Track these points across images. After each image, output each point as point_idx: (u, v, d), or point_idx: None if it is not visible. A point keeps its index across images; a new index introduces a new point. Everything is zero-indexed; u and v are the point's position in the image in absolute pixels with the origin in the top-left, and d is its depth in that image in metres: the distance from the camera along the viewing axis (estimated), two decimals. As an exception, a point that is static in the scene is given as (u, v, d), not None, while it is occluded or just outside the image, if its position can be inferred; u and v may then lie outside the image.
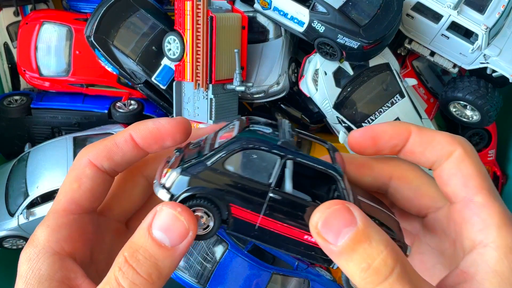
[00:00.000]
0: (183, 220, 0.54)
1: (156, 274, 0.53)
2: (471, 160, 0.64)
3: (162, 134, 0.65)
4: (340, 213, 0.54)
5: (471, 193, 0.61)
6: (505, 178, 1.97)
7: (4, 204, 1.65)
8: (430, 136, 0.66)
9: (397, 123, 0.68)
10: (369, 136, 0.67)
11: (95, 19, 1.61)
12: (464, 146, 0.65)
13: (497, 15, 1.52)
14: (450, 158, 0.64)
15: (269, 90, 1.73)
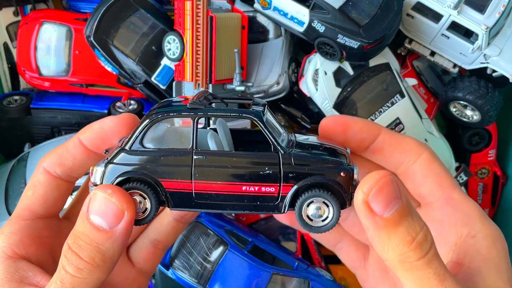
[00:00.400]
0: (115, 201, 0.55)
1: (99, 257, 0.55)
2: (439, 162, 0.68)
3: (108, 134, 0.67)
4: (390, 186, 0.53)
5: (448, 191, 0.66)
6: (505, 178, 1.97)
7: (3, 204, 1.65)
8: (399, 138, 0.70)
9: (370, 121, 0.73)
10: (340, 123, 0.70)
11: (94, 19, 1.61)
12: (429, 149, 0.69)
13: (498, 15, 1.52)
14: (419, 159, 0.68)
15: (269, 90, 1.73)
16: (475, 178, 1.95)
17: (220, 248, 1.48)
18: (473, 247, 0.60)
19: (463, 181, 1.74)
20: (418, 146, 0.70)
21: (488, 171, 1.94)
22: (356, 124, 0.71)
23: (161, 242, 0.79)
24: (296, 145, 0.63)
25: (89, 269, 0.55)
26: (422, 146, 0.70)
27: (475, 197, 1.97)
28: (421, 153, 0.69)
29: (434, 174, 0.67)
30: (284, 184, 0.59)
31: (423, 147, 0.70)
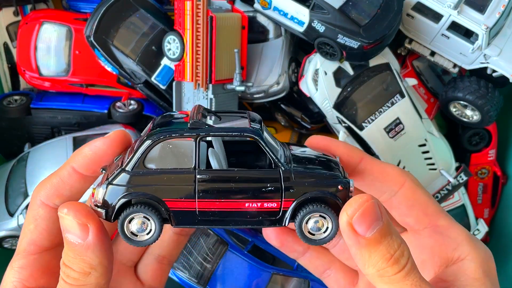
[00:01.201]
0: (72, 218, 0.59)
1: (87, 266, 0.60)
2: (421, 189, 0.69)
3: (101, 156, 0.68)
4: (373, 209, 0.58)
5: (434, 218, 0.67)
6: (505, 178, 1.97)
7: (3, 204, 1.65)
8: (380, 167, 0.71)
9: (352, 147, 0.73)
10: (322, 145, 0.72)
11: (94, 19, 1.61)
12: (411, 177, 0.70)
13: (498, 15, 1.52)
14: (402, 189, 0.69)
15: (269, 90, 1.73)
16: (475, 178, 1.95)
17: (220, 248, 1.48)
18: (460, 268, 0.64)
19: (463, 181, 1.74)
20: (400, 175, 0.70)
21: (488, 171, 1.94)
22: (337, 148, 0.72)
23: (165, 257, 0.81)
24: (293, 159, 0.65)
25: (83, 277, 0.60)
26: (404, 175, 0.70)
27: (475, 197, 1.97)
28: (402, 182, 0.70)
29: (418, 203, 0.69)
30: (285, 199, 0.62)
31: (405, 176, 0.70)
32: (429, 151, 1.69)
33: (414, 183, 0.70)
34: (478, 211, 1.96)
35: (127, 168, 0.60)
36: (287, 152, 0.66)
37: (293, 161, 0.64)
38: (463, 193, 1.86)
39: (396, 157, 1.67)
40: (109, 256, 0.61)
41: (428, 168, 1.70)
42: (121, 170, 0.61)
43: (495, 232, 2.00)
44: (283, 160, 0.62)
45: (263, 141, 0.60)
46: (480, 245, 0.67)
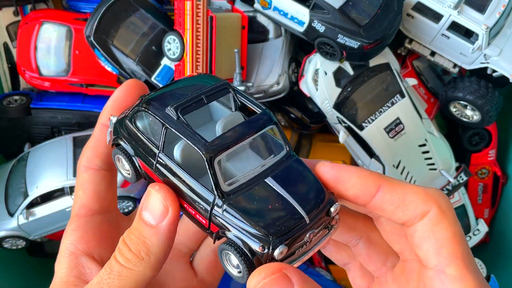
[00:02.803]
0: (161, 198, 0.58)
1: (145, 250, 0.58)
2: (447, 222, 0.58)
3: (121, 104, 0.69)
4: (277, 283, 0.51)
5: (444, 263, 0.56)
6: (505, 178, 1.97)
7: (3, 204, 1.65)
8: (402, 193, 0.59)
9: (367, 174, 0.60)
10: (331, 176, 0.61)
11: (94, 19, 1.61)
12: (440, 204, 0.58)
13: (498, 15, 1.52)
14: (423, 219, 0.58)
15: (269, 90, 1.72)
16: (475, 178, 1.95)
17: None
18: None
19: (463, 181, 1.74)
20: (424, 203, 0.58)
21: (488, 171, 1.94)
22: (349, 179, 0.60)
23: None
24: (239, 196, 0.58)
25: (135, 261, 0.58)
26: (430, 202, 0.58)
27: (475, 197, 1.97)
28: (427, 211, 0.58)
29: (434, 238, 0.57)
30: (212, 224, 0.59)
31: (431, 203, 0.58)
32: (429, 151, 1.69)
33: (440, 213, 0.57)
34: (478, 211, 1.96)
35: (126, 120, 0.65)
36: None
37: (242, 195, 0.57)
38: (463, 193, 1.86)
39: (396, 157, 1.67)
40: (167, 250, 0.60)
41: (428, 168, 1.70)
42: (123, 117, 0.66)
43: (495, 232, 2.00)
44: (227, 189, 0.57)
45: (208, 163, 0.56)
46: None
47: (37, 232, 1.67)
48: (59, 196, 1.62)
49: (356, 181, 0.60)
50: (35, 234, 1.68)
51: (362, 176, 0.60)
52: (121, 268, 0.58)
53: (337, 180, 0.61)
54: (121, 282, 0.58)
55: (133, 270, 0.58)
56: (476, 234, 1.87)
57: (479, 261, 1.70)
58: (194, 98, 0.62)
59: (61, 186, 1.60)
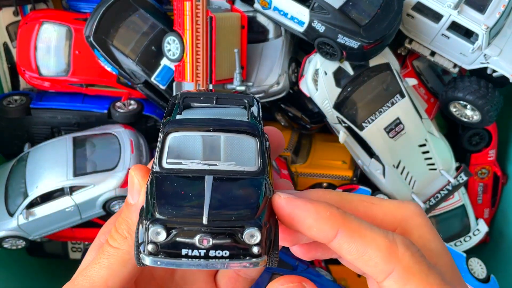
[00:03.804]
0: (134, 176, 0.59)
1: (127, 229, 0.59)
2: (417, 279, 0.50)
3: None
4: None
5: None
6: (505, 178, 1.97)
7: (3, 204, 1.65)
8: (361, 245, 0.52)
9: (325, 216, 0.53)
10: (286, 212, 0.55)
11: (94, 19, 1.61)
12: (406, 261, 0.50)
13: (498, 15, 1.52)
14: (388, 279, 0.51)
15: (269, 90, 1.72)
16: (475, 178, 1.95)
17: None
18: None
19: (463, 181, 1.74)
20: (387, 261, 0.50)
21: (488, 171, 1.94)
22: (304, 220, 0.54)
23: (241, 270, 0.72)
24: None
25: (120, 240, 0.59)
26: (393, 260, 0.50)
27: (475, 197, 1.97)
28: (390, 270, 0.51)
29: None
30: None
31: (394, 260, 0.50)
32: (429, 151, 1.69)
33: (406, 271, 0.50)
34: (478, 211, 1.96)
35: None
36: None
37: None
38: (463, 193, 1.86)
39: (396, 157, 1.67)
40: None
41: (428, 168, 1.70)
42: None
43: (495, 232, 2.00)
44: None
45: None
46: None
47: (37, 232, 1.67)
48: (59, 196, 1.62)
49: (312, 223, 0.53)
50: (35, 234, 1.68)
51: (319, 218, 0.53)
52: (109, 247, 0.59)
53: (292, 218, 0.55)
54: (109, 260, 0.59)
55: (119, 249, 0.59)
56: (476, 234, 1.87)
57: (479, 261, 1.69)
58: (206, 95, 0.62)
59: (61, 186, 1.60)
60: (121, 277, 0.59)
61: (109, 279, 0.59)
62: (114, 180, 1.62)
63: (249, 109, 0.61)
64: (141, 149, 1.73)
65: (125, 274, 0.59)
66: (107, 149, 1.68)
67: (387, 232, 0.52)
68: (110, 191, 1.62)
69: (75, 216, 1.66)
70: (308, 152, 1.93)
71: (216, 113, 0.63)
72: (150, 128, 1.84)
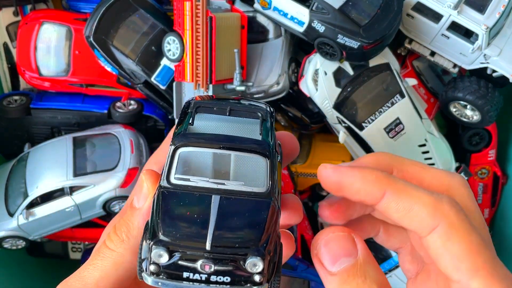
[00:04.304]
0: (145, 181, 0.58)
1: (125, 232, 0.58)
2: (460, 235, 0.53)
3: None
4: (343, 240, 0.52)
5: (466, 277, 0.52)
6: (505, 178, 1.97)
7: (3, 204, 1.65)
8: (408, 203, 0.54)
9: (371, 178, 0.56)
10: (334, 181, 0.58)
11: (94, 19, 1.61)
12: (450, 217, 0.53)
13: (497, 15, 1.52)
14: (432, 234, 0.54)
15: (269, 90, 1.72)
16: (475, 178, 1.95)
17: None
18: None
19: (463, 181, 1.74)
20: (432, 216, 0.53)
21: (488, 171, 1.94)
22: (351, 186, 0.57)
23: None
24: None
25: (117, 242, 0.58)
26: (438, 215, 0.53)
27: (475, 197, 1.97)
28: (435, 225, 0.53)
29: (449, 255, 0.53)
30: None
31: (439, 216, 0.53)
32: (429, 151, 1.69)
33: (450, 226, 0.53)
34: (478, 211, 1.96)
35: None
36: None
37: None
38: (463, 193, 1.86)
39: (396, 157, 1.66)
40: (139, 233, 0.58)
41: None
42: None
43: (495, 232, 2.00)
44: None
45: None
46: None
47: (37, 232, 1.67)
48: (59, 196, 1.62)
49: (359, 187, 0.57)
50: (35, 234, 1.68)
51: (366, 181, 0.56)
52: (105, 249, 0.58)
53: (339, 186, 0.58)
54: (103, 262, 0.58)
55: (114, 251, 0.58)
56: None
57: None
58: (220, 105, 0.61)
59: (61, 186, 1.60)
60: (113, 280, 0.59)
61: (100, 281, 0.59)
62: (114, 180, 1.62)
63: (262, 124, 0.60)
64: (141, 149, 1.73)
65: (117, 277, 0.59)
66: (107, 149, 1.68)
67: (433, 192, 0.55)
68: (110, 191, 1.62)
69: (75, 216, 1.67)
70: (308, 152, 1.93)
71: (228, 125, 0.62)
72: (150, 128, 1.84)
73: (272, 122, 0.62)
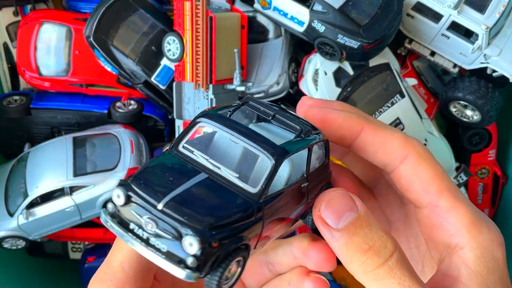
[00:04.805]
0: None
1: None
2: (427, 163, 0.61)
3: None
4: (343, 198, 0.55)
5: (434, 198, 0.60)
6: (505, 178, 1.97)
7: (3, 204, 1.65)
8: (383, 137, 0.63)
9: (352, 116, 0.64)
10: (319, 117, 0.64)
11: (94, 19, 1.61)
12: (418, 149, 0.62)
13: (498, 15, 1.52)
14: (404, 163, 0.62)
15: (269, 90, 1.72)
16: (475, 178, 1.95)
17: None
18: (461, 260, 0.57)
19: (463, 181, 1.74)
20: (403, 147, 0.62)
21: (488, 171, 1.94)
22: (334, 121, 0.64)
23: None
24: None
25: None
26: (408, 147, 0.62)
27: (475, 197, 1.97)
28: (405, 155, 0.62)
29: (418, 179, 0.61)
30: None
31: (409, 147, 0.62)
32: (429, 151, 1.69)
33: (418, 155, 0.61)
34: (478, 211, 1.96)
35: None
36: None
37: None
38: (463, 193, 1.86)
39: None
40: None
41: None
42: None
43: (495, 232, 2.00)
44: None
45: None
46: (486, 230, 0.59)
47: (37, 232, 1.67)
48: (59, 196, 1.62)
49: (341, 123, 0.63)
50: (35, 234, 1.68)
51: (347, 118, 0.64)
52: None
53: (324, 121, 0.64)
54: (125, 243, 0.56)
55: None
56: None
57: None
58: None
59: (61, 186, 1.60)
60: (136, 259, 0.58)
61: (124, 262, 0.58)
62: (114, 180, 1.62)
63: (296, 137, 0.57)
64: (141, 149, 1.73)
65: (140, 256, 0.58)
66: (107, 149, 1.68)
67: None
68: (110, 191, 1.62)
69: (75, 216, 1.67)
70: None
71: (261, 127, 0.62)
72: (150, 128, 1.84)
73: (326, 149, 0.62)
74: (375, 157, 0.64)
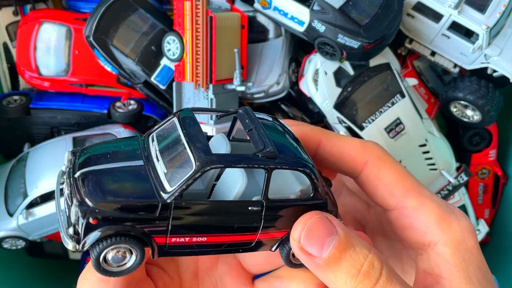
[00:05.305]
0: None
1: None
2: (388, 165, 0.62)
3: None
4: (321, 223, 0.54)
5: (400, 199, 0.61)
6: (506, 179, 1.97)
7: (3, 204, 1.64)
8: (340, 147, 0.63)
9: (308, 130, 0.64)
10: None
11: (94, 19, 1.61)
12: (376, 152, 0.63)
13: (498, 15, 1.52)
14: (365, 168, 0.63)
15: (269, 90, 1.72)
16: (476, 178, 1.95)
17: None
18: (439, 257, 0.58)
19: (464, 181, 1.74)
20: (362, 153, 0.62)
21: (489, 171, 1.94)
22: (297, 132, 0.65)
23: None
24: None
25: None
26: (366, 152, 0.62)
27: (475, 197, 1.97)
28: (365, 160, 0.62)
29: (382, 183, 0.62)
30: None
31: (368, 152, 0.62)
32: (429, 151, 1.68)
33: (378, 159, 0.62)
34: (479, 211, 1.96)
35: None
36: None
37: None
38: (463, 193, 1.86)
39: (397, 157, 1.66)
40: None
41: (429, 168, 1.70)
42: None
43: (496, 232, 2.00)
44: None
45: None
46: (455, 222, 0.59)
47: (37, 232, 1.67)
48: (59, 196, 1.62)
49: (301, 134, 0.64)
50: (35, 234, 1.67)
51: (303, 132, 0.65)
52: None
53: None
54: None
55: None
56: (476, 235, 1.87)
57: None
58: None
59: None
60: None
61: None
62: (114, 180, 1.62)
63: (255, 155, 0.56)
64: (141, 149, 1.72)
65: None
66: (107, 149, 1.68)
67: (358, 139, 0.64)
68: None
69: (75, 216, 1.66)
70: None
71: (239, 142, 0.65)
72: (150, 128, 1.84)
73: (269, 168, 0.57)
74: (336, 167, 0.65)
